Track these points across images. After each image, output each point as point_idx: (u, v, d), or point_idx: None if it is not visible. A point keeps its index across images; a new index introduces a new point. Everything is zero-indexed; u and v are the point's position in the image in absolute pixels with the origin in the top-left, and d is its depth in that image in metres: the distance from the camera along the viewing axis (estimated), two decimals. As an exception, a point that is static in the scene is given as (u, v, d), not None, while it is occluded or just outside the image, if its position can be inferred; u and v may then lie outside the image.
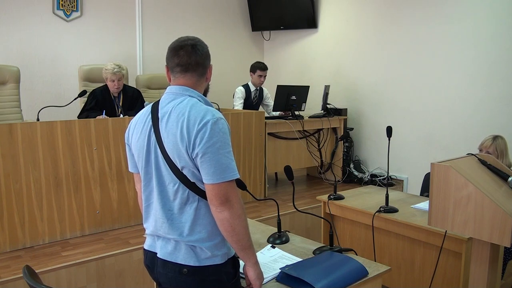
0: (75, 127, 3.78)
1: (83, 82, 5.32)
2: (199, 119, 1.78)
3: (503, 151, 3.54)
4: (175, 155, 1.81)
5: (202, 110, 1.82)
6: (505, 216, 1.87)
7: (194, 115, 1.80)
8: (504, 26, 4.66)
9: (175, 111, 1.85)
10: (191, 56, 1.92)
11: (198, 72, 1.95)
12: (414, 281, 3.15)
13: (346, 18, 6.36)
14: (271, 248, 2.40)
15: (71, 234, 3.83)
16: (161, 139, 1.85)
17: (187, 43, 1.95)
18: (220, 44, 7.11)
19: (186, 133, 1.77)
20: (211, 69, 2.03)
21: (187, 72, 1.93)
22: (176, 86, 1.93)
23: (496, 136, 3.59)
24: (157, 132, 1.87)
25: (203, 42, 2.02)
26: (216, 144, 1.76)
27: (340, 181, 5.82)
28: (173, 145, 1.80)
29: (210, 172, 1.75)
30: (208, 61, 2.00)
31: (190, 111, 1.82)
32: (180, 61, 1.93)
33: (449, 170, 2.02)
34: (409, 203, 3.42)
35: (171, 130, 1.82)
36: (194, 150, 1.76)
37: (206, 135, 1.75)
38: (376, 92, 5.99)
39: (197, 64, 1.93)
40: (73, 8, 5.71)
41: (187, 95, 1.90)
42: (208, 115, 1.80)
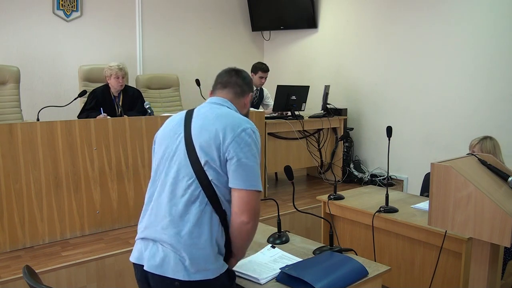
0: (75, 127, 3.78)
1: (83, 82, 5.32)
2: (241, 124, 1.88)
3: (490, 153, 3.46)
4: (203, 150, 1.84)
5: (242, 118, 1.94)
6: (505, 216, 1.86)
7: (235, 119, 1.90)
8: (505, 26, 4.66)
9: (213, 112, 1.94)
10: (232, 77, 2.09)
11: (235, 90, 2.08)
12: (414, 281, 3.15)
13: (346, 18, 6.36)
14: (271, 248, 2.40)
15: (71, 234, 3.83)
16: (190, 133, 1.89)
17: (233, 69, 2.14)
18: (220, 44, 7.11)
19: (224, 133, 1.83)
20: (250, 98, 2.14)
21: (226, 88, 2.08)
22: (216, 97, 2.08)
23: (486, 137, 3.54)
24: (188, 126, 1.92)
25: (247, 73, 2.18)
26: (253, 151, 1.85)
27: (340, 181, 5.82)
28: (205, 140, 1.84)
29: (244, 177, 1.82)
30: (249, 88, 2.13)
31: (231, 115, 1.93)
32: (222, 80, 2.11)
33: (449, 170, 2.01)
34: (409, 203, 3.42)
35: (207, 126, 1.88)
36: (230, 151, 1.81)
37: (246, 141, 1.84)
38: (376, 92, 5.99)
39: (236, 84, 2.08)
40: (73, 8, 5.71)
41: (226, 106, 2.02)
42: (249, 124, 1.91)
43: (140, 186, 4.13)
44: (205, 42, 6.94)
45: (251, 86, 2.14)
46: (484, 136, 3.56)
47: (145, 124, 4.13)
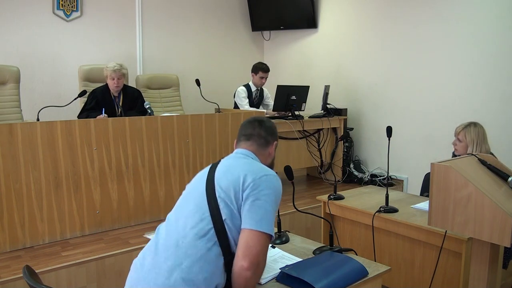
0: (75, 127, 3.78)
1: (83, 82, 5.32)
2: (263, 170, 1.93)
3: (473, 140, 3.46)
4: (222, 189, 1.87)
5: (266, 168, 2.00)
6: (505, 216, 1.86)
7: (259, 167, 1.97)
8: (506, 26, 4.65)
9: (238, 161, 2.02)
10: (255, 128, 2.15)
11: (259, 142, 2.14)
12: (414, 281, 3.15)
13: (346, 18, 6.36)
14: (271, 248, 2.40)
15: (71, 234, 3.83)
16: (213, 176, 1.93)
17: (256, 119, 2.20)
18: (220, 44, 7.12)
19: (245, 176, 1.86)
20: (275, 147, 2.21)
21: (249, 140, 2.14)
22: (241, 149, 2.13)
23: (470, 123, 3.54)
24: (212, 172, 1.98)
25: (271, 121, 2.24)
26: (271, 196, 1.86)
27: (340, 181, 5.82)
28: (226, 182, 1.88)
29: (255, 217, 1.79)
30: (272, 138, 2.19)
31: (255, 164, 2.01)
32: (246, 131, 2.17)
33: (449, 170, 2.01)
34: (409, 203, 3.42)
35: (231, 171, 1.93)
36: (248, 192, 1.83)
37: (266, 184, 1.86)
38: (376, 92, 5.99)
39: (259, 135, 2.14)
40: (73, 8, 5.71)
41: (250, 158, 2.09)
42: (270, 171, 1.96)
43: (140, 186, 4.13)
44: (205, 42, 6.94)
45: (275, 135, 2.20)
46: (468, 123, 3.56)
47: (145, 124, 4.13)
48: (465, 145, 3.52)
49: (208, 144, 4.51)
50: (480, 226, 1.95)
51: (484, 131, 3.53)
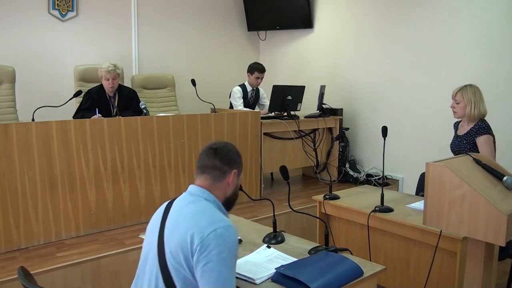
0: (70, 127, 3.77)
1: (79, 82, 5.32)
2: (211, 225, 1.76)
3: (470, 99, 3.57)
4: (172, 255, 1.78)
5: (214, 217, 1.82)
6: (499, 215, 1.87)
7: (207, 219, 1.79)
8: (505, 26, 4.66)
9: (188, 209, 1.88)
10: (209, 158, 1.97)
11: (214, 175, 1.96)
12: (409, 281, 3.16)
13: (342, 18, 6.37)
14: (267, 248, 2.40)
15: (66, 234, 3.82)
16: (163, 235, 1.85)
17: (211, 147, 2.01)
18: (216, 44, 7.11)
19: (192, 237, 1.74)
20: (236, 175, 2.02)
21: (203, 173, 1.98)
22: (195, 187, 1.98)
23: (466, 85, 3.65)
24: (163, 225, 1.89)
25: (230, 147, 2.05)
26: (222, 253, 1.72)
27: (335, 181, 5.82)
28: (174, 245, 1.78)
29: (210, 282, 1.70)
30: (230, 166, 1.99)
31: (204, 214, 1.84)
32: (200, 163, 2.01)
33: (444, 170, 2.02)
34: (404, 202, 3.43)
35: (178, 227, 1.82)
36: (197, 256, 1.72)
37: (214, 242, 1.72)
38: (372, 92, 6.00)
39: (214, 167, 1.96)
40: (69, 8, 5.70)
41: (203, 198, 1.93)
42: (219, 222, 1.78)
43: (135, 187, 4.13)
44: (201, 42, 6.93)
45: (233, 162, 2.00)
46: (465, 84, 3.66)
47: (140, 124, 4.12)
48: (463, 105, 3.62)
49: (204, 144, 4.44)
50: (475, 226, 1.96)
51: (480, 91, 3.62)
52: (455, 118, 3.79)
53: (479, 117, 3.62)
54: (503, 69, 4.68)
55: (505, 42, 4.65)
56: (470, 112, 3.59)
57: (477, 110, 3.58)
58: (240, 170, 2.04)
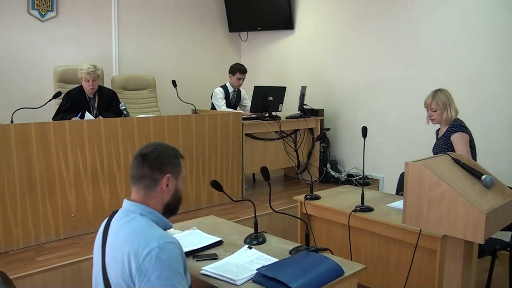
0: (49, 129, 3.73)
1: (58, 83, 5.27)
2: (146, 246, 1.67)
3: (445, 103, 3.68)
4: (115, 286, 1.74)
5: (148, 236, 1.72)
6: (478, 213, 1.89)
7: (140, 240, 1.70)
8: (484, 27, 4.71)
9: (123, 230, 1.79)
10: (139, 167, 1.86)
11: (145, 184, 1.86)
12: (390, 279, 3.18)
13: (323, 19, 6.39)
14: (248, 249, 2.40)
15: (46, 238, 3.77)
16: (105, 264, 1.80)
17: (140, 153, 1.88)
18: (197, 45, 7.09)
19: (129, 262, 1.68)
20: (170, 179, 1.89)
21: (136, 183, 1.88)
22: (129, 202, 1.88)
23: (436, 90, 3.75)
24: (104, 252, 1.83)
25: (160, 150, 1.91)
26: (163, 275, 1.63)
27: (316, 181, 5.84)
28: (116, 275, 1.73)
29: None
30: (161, 172, 1.87)
31: (138, 233, 1.74)
32: (131, 172, 1.89)
33: (423, 169, 2.04)
34: (384, 202, 3.46)
35: (116, 254, 1.75)
36: (139, 283, 1.64)
37: (150, 266, 1.64)
38: (353, 93, 6.03)
39: (143, 176, 1.86)
40: (48, 8, 5.64)
41: (138, 213, 1.84)
42: (154, 241, 1.69)
43: (115, 189, 4.10)
44: (182, 43, 6.91)
45: (164, 166, 1.88)
46: (434, 91, 3.77)
47: (120, 126, 4.09)
48: (440, 111, 3.72)
49: (185, 145, 4.49)
50: (454, 224, 1.97)
51: (449, 92, 3.75)
52: (434, 125, 3.85)
53: (454, 117, 3.70)
54: (481, 70, 4.73)
55: (484, 43, 4.71)
56: (447, 116, 3.68)
57: (453, 111, 3.69)
58: (175, 172, 1.92)
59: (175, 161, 1.93)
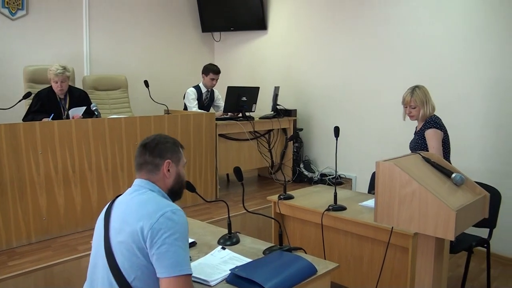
0: (19, 130, 3.66)
1: (28, 83, 5.17)
2: (159, 210, 1.81)
3: (423, 100, 3.72)
4: (122, 254, 1.80)
5: (163, 202, 1.88)
6: (448, 211, 1.92)
7: (154, 206, 1.84)
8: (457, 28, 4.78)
9: (134, 200, 1.93)
10: (141, 155, 2.03)
11: (148, 169, 2.01)
12: (363, 277, 3.21)
13: (295, 20, 6.42)
14: (222, 249, 2.39)
15: (17, 242, 3.70)
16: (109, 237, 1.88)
17: (141, 144, 2.06)
18: (170, 45, 7.05)
19: (142, 225, 1.77)
20: (170, 165, 2.03)
21: (140, 169, 2.03)
22: (139, 179, 2.03)
23: (414, 88, 3.78)
24: (107, 226, 1.92)
25: (160, 139, 2.07)
26: (174, 235, 1.76)
27: (290, 181, 5.87)
28: (125, 238, 1.81)
29: (167, 264, 1.73)
30: (161, 158, 2.02)
31: (151, 201, 1.89)
32: (136, 161, 2.05)
33: (394, 168, 2.07)
34: (357, 200, 3.49)
35: (127, 219, 1.85)
36: (149, 242, 1.75)
37: (164, 225, 1.76)
38: (325, 93, 6.07)
39: (146, 162, 2.01)
40: (19, 6, 5.53)
41: (148, 188, 1.98)
42: (167, 207, 1.84)
43: (87, 191, 4.04)
44: (154, 43, 6.86)
45: (164, 153, 2.03)
46: (412, 88, 3.80)
47: (91, 127, 4.04)
48: (418, 108, 3.75)
49: (158, 146, 4.46)
50: (425, 222, 2.00)
51: (426, 89, 3.79)
52: (412, 120, 3.89)
53: (431, 114, 3.75)
54: (453, 71, 4.81)
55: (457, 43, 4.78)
56: (424, 112, 3.72)
57: (430, 108, 3.73)
58: (175, 159, 2.05)
59: (174, 148, 2.07)
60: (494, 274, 4.21)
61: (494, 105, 4.56)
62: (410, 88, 3.78)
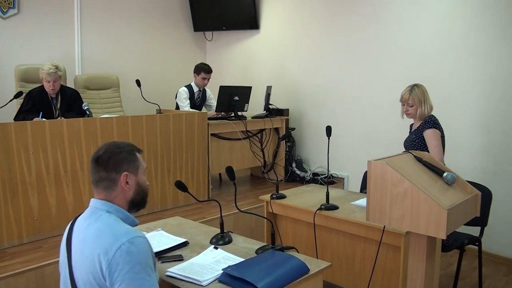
0: (10, 130, 3.63)
1: (20, 82, 5.14)
2: (115, 242, 1.68)
3: (421, 99, 3.73)
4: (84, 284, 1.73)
5: (117, 232, 1.73)
6: (440, 209, 1.93)
7: (109, 236, 1.72)
8: (444, 30, 4.81)
9: (91, 229, 1.79)
10: (95, 172, 1.88)
11: (104, 186, 1.87)
12: (355, 276, 3.22)
13: (287, 20, 6.43)
14: (214, 249, 2.39)
15: (8, 243, 3.67)
16: (72, 269, 1.79)
17: (93, 158, 1.90)
18: (161, 44, 7.04)
19: (99, 260, 1.67)
20: (127, 177, 1.88)
21: (96, 187, 1.89)
22: (95, 200, 1.89)
23: (413, 86, 3.80)
24: (69, 255, 1.83)
25: (112, 150, 1.90)
26: (134, 269, 1.65)
27: (282, 180, 5.87)
28: (86, 273, 1.72)
29: None
30: (117, 171, 1.87)
31: (106, 231, 1.75)
32: (91, 177, 1.90)
33: (386, 167, 2.07)
34: (349, 200, 3.50)
35: (85, 252, 1.75)
36: (109, 280, 1.65)
37: (121, 260, 1.65)
38: (317, 92, 6.08)
39: (100, 179, 1.87)
40: (10, 5, 5.50)
41: (104, 210, 1.85)
42: (123, 237, 1.70)
43: (79, 191, 4.03)
44: (146, 42, 6.84)
45: (119, 165, 1.87)
46: (410, 86, 3.81)
47: (83, 126, 4.03)
48: (415, 107, 3.76)
49: (149, 146, 4.45)
50: (417, 220, 2.01)
51: (426, 90, 3.80)
52: (409, 119, 3.90)
53: (429, 113, 3.77)
54: (441, 71, 4.83)
55: (444, 45, 4.81)
56: (422, 111, 3.73)
57: (428, 107, 3.75)
58: (132, 168, 1.90)
59: (130, 157, 1.91)
60: (486, 272, 4.24)
61: (485, 105, 4.59)
62: (409, 86, 3.79)
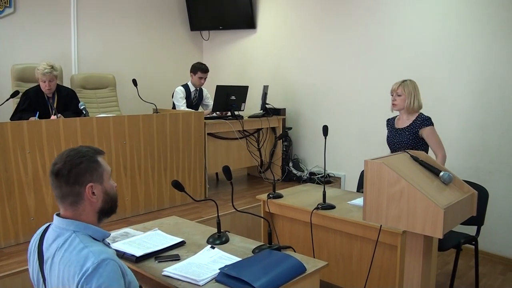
0: (7, 129, 3.63)
1: (16, 82, 5.13)
2: (81, 269, 1.59)
3: (410, 92, 3.77)
4: None
5: (82, 255, 1.63)
6: (436, 209, 1.93)
7: (75, 264, 1.62)
8: (437, 30, 4.83)
9: (57, 257, 1.69)
10: (56, 187, 1.75)
11: (69, 203, 1.75)
12: (352, 275, 3.23)
13: (284, 19, 6.43)
14: (211, 249, 2.39)
15: (5, 243, 3.67)
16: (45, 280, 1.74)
17: (52, 172, 1.75)
18: (158, 43, 7.03)
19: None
20: (92, 188, 1.75)
21: (63, 203, 1.77)
22: (60, 219, 1.77)
23: (405, 79, 3.85)
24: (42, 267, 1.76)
25: (72, 161, 1.73)
26: None
27: (279, 179, 5.87)
28: None
29: None
30: (81, 184, 1.74)
31: (73, 256, 1.64)
32: (54, 192, 1.78)
33: (382, 166, 2.07)
34: (346, 199, 3.51)
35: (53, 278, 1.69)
36: None
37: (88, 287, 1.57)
38: (314, 92, 6.09)
39: (64, 195, 1.74)
40: (6, 4, 5.48)
41: (71, 230, 1.73)
42: (89, 261, 1.60)
43: (76, 190, 4.01)
44: (142, 41, 6.84)
45: (81, 177, 1.73)
46: (403, 80, 3.85)
47: (80, 126, 4.02)
48: (404, 98, 3.81)
49: (146, 145, 4.45)
50: (413, 219, 2.01)
51: (417, 86, 3.83)
52: (395, 110, 3.93)
53: (417, 109, 3.78)
54: (434, 70, 4.85)
55: (437, 44, 4.82)
56: (409, 105, 3.75)
57: (416, 102, 3.76)
58: (96, 177, 1.77)
59: (92, 165, 1.77)
60: (483, 271, 4.25)
61: (480, 104, 4.60)
62: (401, 80, 3.83)
